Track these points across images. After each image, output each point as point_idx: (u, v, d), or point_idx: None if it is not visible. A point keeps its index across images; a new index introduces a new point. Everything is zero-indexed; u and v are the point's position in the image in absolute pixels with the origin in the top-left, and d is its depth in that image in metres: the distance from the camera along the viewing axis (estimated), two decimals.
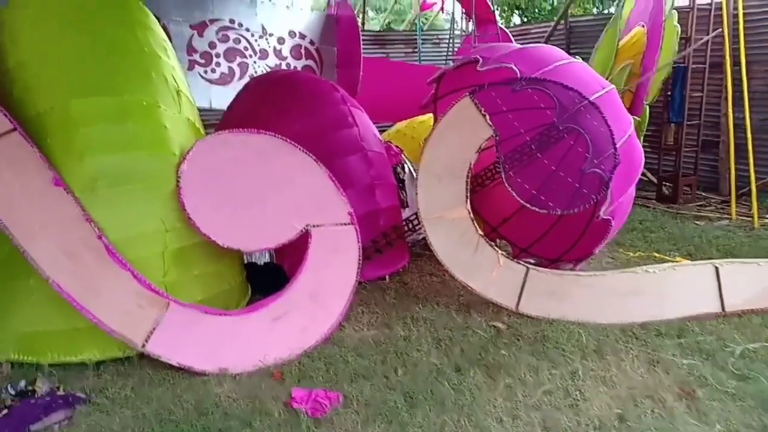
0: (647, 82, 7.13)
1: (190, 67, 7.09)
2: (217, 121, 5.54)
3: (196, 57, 7.14)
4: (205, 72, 7.14)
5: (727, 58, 6.69)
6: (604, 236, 4.23)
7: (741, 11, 6.53)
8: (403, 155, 5.58)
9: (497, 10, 10.49)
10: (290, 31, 7.81)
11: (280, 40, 7.69)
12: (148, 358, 3.24)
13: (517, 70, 4.12)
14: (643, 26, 7.56)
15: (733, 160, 6.59)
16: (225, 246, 3.47)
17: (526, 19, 18.25)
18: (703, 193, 7.79)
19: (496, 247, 4.03)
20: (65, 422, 2.80)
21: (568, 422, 2.82)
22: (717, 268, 4.00)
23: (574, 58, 4.62)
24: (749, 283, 4.05)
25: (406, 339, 3.69)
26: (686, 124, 7.52)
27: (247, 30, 7.46)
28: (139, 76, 3.69)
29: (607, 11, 16.82)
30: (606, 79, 4.92)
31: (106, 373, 3.22)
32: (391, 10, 16.66)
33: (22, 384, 3.01)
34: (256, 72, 7.32)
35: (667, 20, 7.08)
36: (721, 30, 6.86)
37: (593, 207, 4.08)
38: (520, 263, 4.04)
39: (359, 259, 3.82)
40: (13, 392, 2.96)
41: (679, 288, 3.99)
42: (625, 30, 7.87)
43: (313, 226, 3.68)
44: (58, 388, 3.03)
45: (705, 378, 3.18)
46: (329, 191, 3.78)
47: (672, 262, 5.03)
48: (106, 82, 3.54)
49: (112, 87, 3.54)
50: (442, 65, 8.59)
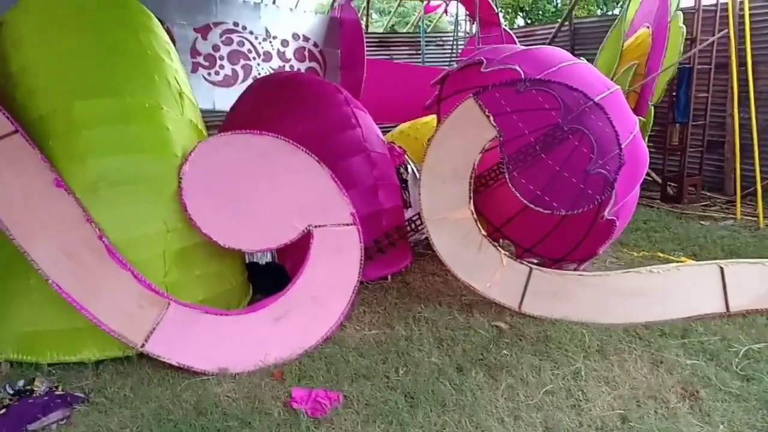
0: (652, 82, 7.09)
1: (194, 70, 7.13)
2: (220, 123, 5.55)
3: (200, 59, 7.19)
4: (209, 74, 7.18)
5: (733, 58, 6.66)
6: (608, 236, 4.20)
7: (747, 12, 6.50)
8: (406, 156, 5.57)
9: (501, 12, 10.46)
10: (294, 34, 7.84)
11: (284, 43, 7.72)
12: (148, 358, 3.24)
13: (522, 72, 4.10)
14: (648, 27, 7.53)
15: (738, 160, 6.54)
16: (226, 246, 3.47)
17: (529, 21, 18.26)
18: (708, 193, 7.75)
19: (499, 248, 4.02)
20: (63, 422, 2.80)
21: (570, 423, 2.80)
22: (722, 269, 3.97)
23: (579, 59, 4.60)
24: (754, 283, 4.02)
25: (408, 339, 3.67)
26: (691, 124, 7.49)
27: (251, 33, 7.50)
28: (142, 79, 3.70)
29: (611, 13, 16.82)
30: (611, 80, 4.89)
31: (105, 373, 3.22)
32: (394, 13, 16.68)
33: (21, 383, 3.01)
34: (259, 74, 7.35)
35: (672, 21, 7.06)
36: (726, 30, 6.82)
37: (597, 207, 4.06)
38: (523, 263, 4.02)
39: (361, 260, 3.81)
40: (11, 392, 2.95)
41: (684, 288, 3.96)
42: (629, 31, 7.84)
43: (315, 227, 3.67)
44: (57, 387, 3.04)
45: (709, 378, 3.14)
46: (332, 192, 3.77)
47: (676, 262, 4.99)
48: (108, 85, 3.54)
49: (115, 89, 3.54)
50: (446, 67, 8.58)
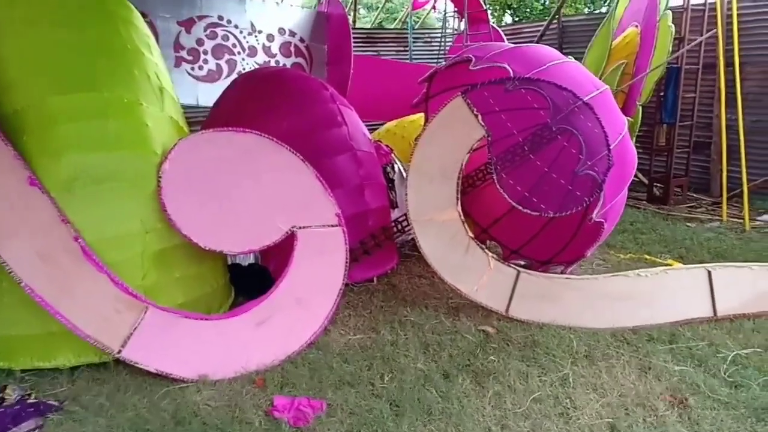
0: (640, 82, 7.07)
1: (177, 64, 6.96)
2: (204, 119, 5.43)
3: (184, 54, 7.02)
4: (193, 69, 7.02)
5: (721, 58, 6.65)
6: (596, 238, 4.16)
7: (735, 12, 6.48)
8: (393, 155, 5.50)
9: (489, 9, 10.40)
10: (280, 29, 7.69)
11: (270, 38, 7.58)
12: (125, 364, 3.13)
13: (510, 70, 4.04)
14: (637, 26, 7.51)
15: (725, 161, 6.55)
16: (207, 248, 3.36)
17: (517, 19, 18.24)
18: (694, 195, 7.77)
19: (486, 250, 3.96)
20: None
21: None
22: (710, 272, 3.94)
23: (568, 58, 4.54)
24: (741, 287, 4.00)
25: (393, 344, 3.60)
26: (678, 125, 7.49)
27: (236, 27, 7.34)
28: (121, 73, 3.57)
29: (598, 11, 16.84)
30: (599, 79, 4.84)
31: (80, 379, 3.11)
32: (382, 8, 16.55)
33: None
34: (244, 69, 7.21)
35: (661, 20, 7.04)
36: (714, 31, 6.82)
37: (585, 209, 4.01)
38: (510, 266, 3.96)
39: (346, 262, 3.73)
40: None
41: (671, 292, 3.93)
42: (618, 30, 7.82)
43: (299, 228, 3.58)
44: (29, 395, 2.93)
45: (697, 385, 3.11)
46: (316, 192, 3.69)
47: (663, 264, 4.97)
48: (85, 79, 3.41)
49: (92, 84, 3.42)
50: (434, 64, 8.51)
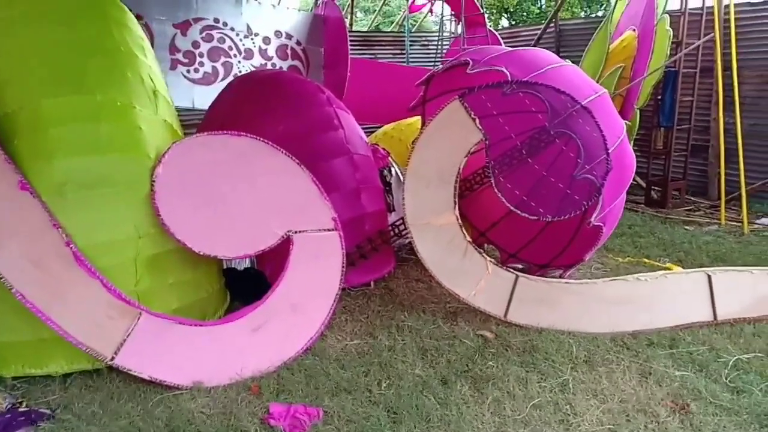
0: (638, 86, 7.06)
1: (173, 67, 6.93)
2: (200, 122, 5.39)
3: (179, 56, 6.99)
4: (188, 71, 6.99)
5: (718, 62, 6.64)
6: (594, 242, 4.13)
7: (732, 16, 6.47)
8: (390, 158, 5.46)
9: (486, 12, 10.38)
10: (276, 31, 7.67)
11: (266, 40, 7.55)
12: (119, 371, 3.08)
13: (508, 73, 4.01)
14: (634, 30, 7.50)
15: (723, 164, 6.53)
16: (201, 253, 3.32)
17: (514, 22, 18.27)
18: (692, 198, 7.75)
19: (484, 254, 3.92)
20: None
21: None
22: (709, 276, 3.91)
23: (565, 62, 4.52)
24: (742, 291, 3.97)
25: (391, 349, 3.55)
26: (676, 128, 7.48)
27: (232, 29, 7.31)
28: (114, 76, 3.53)
29: (595, 15, 16.87)
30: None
31: (73, 387, 3.06)
32: (379, 12, 16.55)
33: None
34: (240, 72, 7.18)
35: (658, 24, 7.03)
36: (712, 35, 6.81)
37: (583, 212, 3.98)
38: (509, 271, 3.92)
39: (343, 266, 3.68)
40: None
41: (671, 296, 3.89)
42: (615, 33, 7.81)
43: (295, 232, 3.53)
44: (20, 403, 2.88)
45: (698, 391, 3.07)
46: (312, 196, 3.64)
47: (662, 268, 4.94)
48: (78, 82, 3.36)
49: (85, 86, 3.37)
50: (431, 67, 8.48)
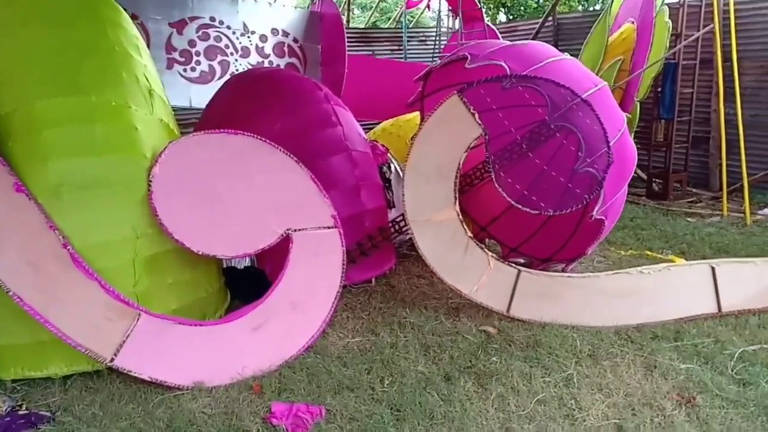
0: (637, 78, 7.02)
1: (170, 66, 6.90)
2: (197, 120, 5.36)
3: (176, 55, 6.95)
4: (185, 70, 6.96)
5: (718, 53, 6.60)
6: (596, 236, 4.11)
7: (732, 7, 6.43)
8: (389, 154, 5.43)
9: (483, 7, 10.34)
10: (273, 29, 7.63)
11: (263, 38, 7.51)
12: (119, 372, 3.05)
13: (507, 67, 3.98)
14: (633, 22, 7.45)
15: (724, 155, 6.50)
16: (200, 253, 3.28)
17: (512, 17, 18.20)
18: (694, 190, 7.72)
19: (486, 250, 3.89)
20: None
21: None
22: (713, 268, 3.88)
23: (565, 55, 4.48)
24: (746, 283, 3.94)
25: (393, 346, 3.52)
26: (676, 120, 7.44)
27: (228, 28, 7.27)
28: (109, 76, 3.48)
29: (593, 8, 16.79)
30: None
31: (73, 389, 3.03)
32: (376, 8, 16.49)
33: None
34: (237, 70, 7.14)
35: (658, 16, 6.98)
36: (712, 26, 6.76)
37: (585, 206, 3.95)
38: (511, 265, 3.89)
39: (343, 264, 3.65)
40: None
41: (675, 289, 3.87)
42: (614, 26, 7.76)
43: (295, 231, 3.50)
44: (20, 406, 2.85)
45: (704, 383, 3.04)
46: (311, 193, 3.61)
47: (665, 260, 4.91)
48: (73, 82, 3.33)
49: (80, 87, 3.33)
50: (429, 63, 8.44)
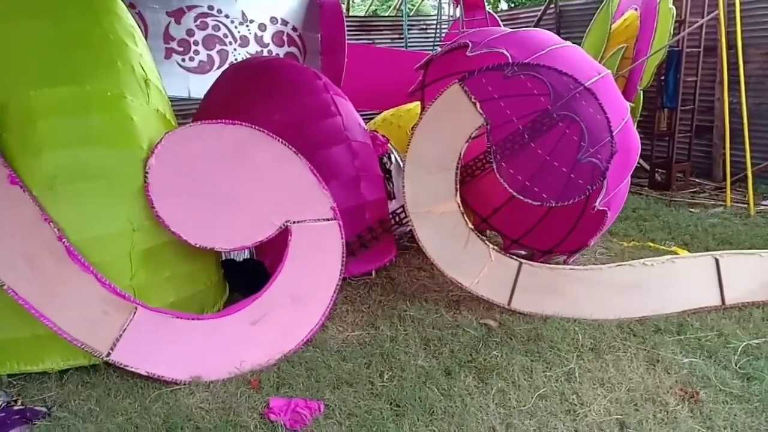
0: (641, 66, 6.93)
1: (168, 56, 6.81)
2: (196, 111, 5.30)
3: (174, 45, 6.86)
4: (183, 60, 6.87)
5: (723, 41, 6.50)
6: (599, 227, 4.05)
7: None
8: (389, 145, 5.37)
9: None
10: (272, 18, 7.52)
11: (262, 27, 7.41)
12: (116, 366, 3.02)
13: (509, 55, 3.91)
14: (636, 9, 7.35)
15: (728, 145, 6.43)
16: (198, 245, 3.25)
17: (513, 5, 18.02)
18: (697, 180, 7.64)
19: (487, 242, 3.84)
20: None
21: (566, 430, 2.64)
22: (717, 260, 3.83)
23: (567, 43, 4.41)
24: (750, 275, 3.89)
25: (393, 340, 3.49)
26: (680, 109, 7.35)
27: (227, 16, 7.17)
28: (104, 65, 3.42)
29: None
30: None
31: (69, 383, 3.01)
32: None
33: None
34: (236, 60, 7.05)
35: (661, 2, 6.87)
36: (716, 12, 6.66)
37: (587, 197, 3.89)
38: (512, 258, 3.84)
39: (343, 256, 3.61)
40: None
41: (678, 281, 3.82)
42: (617, 13, 7.65)
43: (293, 223, 3.46)
44: (16, 401, 2.83)
45: (708, 378, 3.00)
46: (310, 185, 3.56)
47: (668, 252, 4.86)
48: (67, 72, 3.27)
49: (74, 77, 3.27)
50: (430, 52, 8.34)
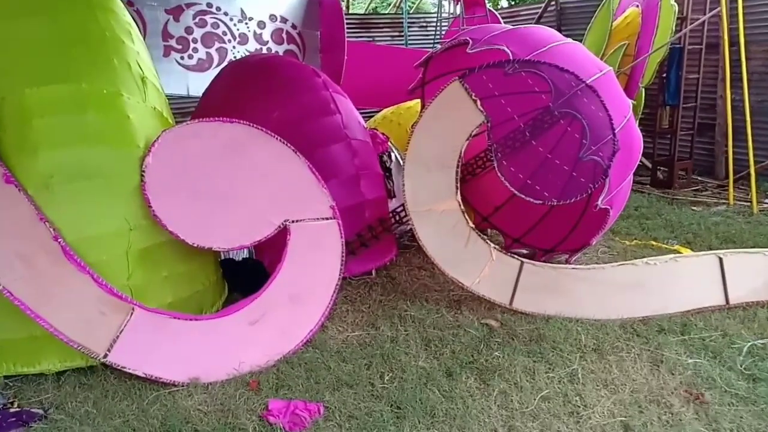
0: (642, 63, 6.88)
1: (166, 54, 6.77)
2: (194, 109, 5.26)
3: (172, 43, 6.81)
4: (182, 58, 6.82)
5: (725, 38, 6.46)
6: (601, 226, 4.01)
7: None
8: (389, 143, 5.33)
9: None
10: (271, 15, 7.48)
11: (261, 25, 7.37)
12: (113, 368, 2.98)
13: (510, 52, 3.87)
14: (638, 6, 7.30)
15: (731, 142, 6.38)
16: (195, 245, 3.21)
17: (514, 2, 17.95)
18: (699, 178, 7.60)
19: (488, 240, 3.80)
20: None
21: None
22: (721, 259, 3.79)
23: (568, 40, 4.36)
24: (754, 274, 3.85)
25: (394, 340, 3.45)
26: (682, 106, 7.30)
27: (226, 14, 7.12)
28: (100, 63, 3.38)
29: None
30: None
31: (66, 385, 2.97)
32: None
33: None
34: (235, 58, 7.00)
35: None
36: (718, 9, 6.61)
37: (589, 195, 3.85)
38: (514, 257, 3.80)
39: (342, 256, 3.57)
40: None
41: (682, 280, 3.78)
42: (618, 10, 7.60)
43: (292, 222, 3.42)
44: (12, 403, 2.79)
45: (713, 379, 2.97)
46: (309, 183, 3.52)
47: (671, 251, 4.83)
48: (63, 70, 3.23)
49: (70, 74, 3.23)
50: (430, 49, 8.30)
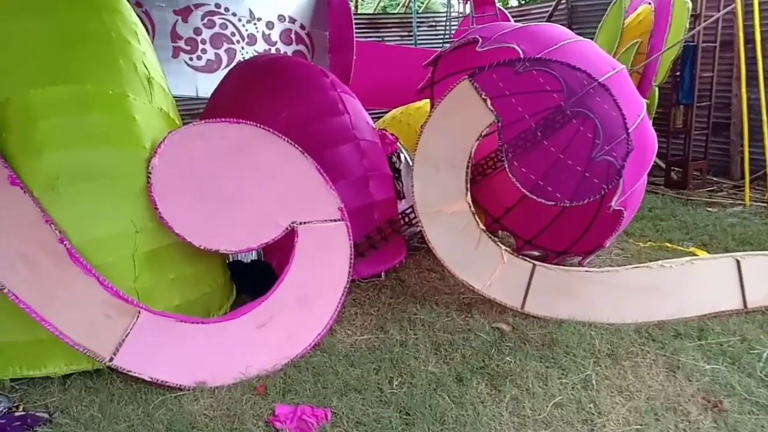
0: (655, 62, 6.77)
1: (175, 55, 6.76)
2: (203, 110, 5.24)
3: (181, 44, 6.81)
4: (191, 59, 6.81)
5: (740, 35, 6.34)
6: (615, 228, 3.92)
7: None
8: (398, 143, 5.28)
9: None
10: (279, 15, 7.45)
11: (269, 25, 7.34)
12: (119, 371, 2.95)
13: (520, 50, 3.80)
14: (650, 3, 7.20)
15: (746, 142, 6.27)
16: (202, 247, 3.17)
17: (524, 1, 17.84)
18: (714, 178, 7.47)
19: (499, 243, 3.73)
20: None
21: None
22: (738, 262, 3.70)
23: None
24: None
25: (403, 344, 3.39)
26: (696, 105, 7.18)
27: (234, 15, 7.11)
28: (106, 64, 3.35)
29: None
30: None
31: (72, 388, 2.94)
32: None
33: None
34: (244, 58, 6.98)
35: None
36: (733, 6, 6.50)
37: (603, 196, 3.78)
38: (525, 259, 3.73)
39: (351, 258, 3.52)
40: None
41: (698, 283, 3.69)
42: (630, 8, 7.50)
43: (300, 224, 3.38)
44: (17, 407, 2.77)
45: (732, 386, 2.88)
46: (317, 185, 3.47)
47: (686, 252, 4.73)
48: (68, 71, 3.20)
49: (75, 75, 3.20)
50: (439, 49, 8.23)
